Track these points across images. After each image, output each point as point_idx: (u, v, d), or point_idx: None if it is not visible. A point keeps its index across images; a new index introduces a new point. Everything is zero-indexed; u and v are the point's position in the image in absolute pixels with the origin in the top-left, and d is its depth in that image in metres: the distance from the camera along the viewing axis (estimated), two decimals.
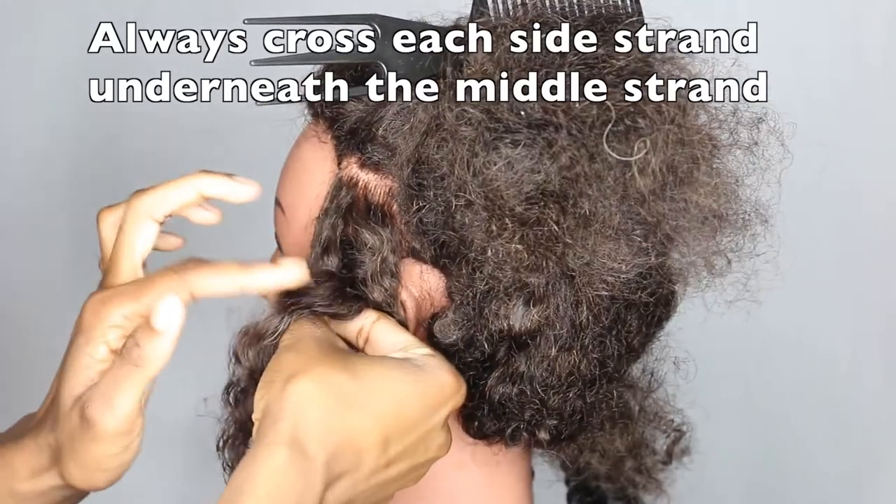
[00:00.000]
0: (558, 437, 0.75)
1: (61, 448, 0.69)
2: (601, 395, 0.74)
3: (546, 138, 0.65)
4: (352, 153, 0.73)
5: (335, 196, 0.73)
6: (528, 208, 0.66)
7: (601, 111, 0.65)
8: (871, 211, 1.50)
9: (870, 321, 1.52)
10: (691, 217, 0.68)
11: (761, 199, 0.72)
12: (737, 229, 0.71)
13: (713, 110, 0.70)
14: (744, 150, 0.71)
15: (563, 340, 0.71)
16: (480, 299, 0.71)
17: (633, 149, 0.65)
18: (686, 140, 0.67)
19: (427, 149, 0.69)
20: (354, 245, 0.72)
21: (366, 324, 0.72)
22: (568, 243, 0.66)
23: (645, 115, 0.65)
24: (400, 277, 0.72)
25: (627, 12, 0.72)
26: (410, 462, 0.68)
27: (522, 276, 0.68)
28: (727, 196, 0.69)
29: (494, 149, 0.66)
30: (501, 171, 0.65)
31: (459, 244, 0.69)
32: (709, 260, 0.72)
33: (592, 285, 0.69)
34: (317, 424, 0.64)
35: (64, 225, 1.43)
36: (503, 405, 0.73)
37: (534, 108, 0.66)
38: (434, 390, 0.68)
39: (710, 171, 0.68)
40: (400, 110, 0.71)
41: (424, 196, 0.70)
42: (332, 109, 0.74)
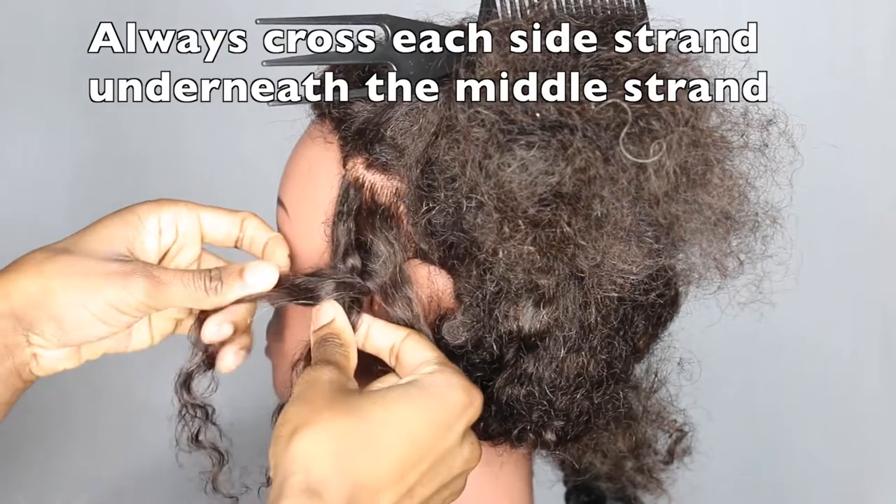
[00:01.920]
0: (564, 438, 0.75)
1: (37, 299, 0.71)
2: (608, 396, 0.74)
3: (561, 140, 0.65)
4: (358, 154, 0.73)
5: (345, 199, 0.73)
6: (540, 210, 0.65)
7: (616, 113, 0.65)
8: (871, 211, 1.50)
9: (870, 321, 1.52)
10: (704, 219, 0.68)
11: (771, 201, 0.72)
12: (748, 231, 0.71)
13: (725, 112, 0.70)
14: (754, 152, 0.71)
15: (572, 341, 0.71)
16: (490, 301, 0.70)
17: (649, 151, 0.64)
18: (699, 142, 0.66)
19: (437, 150, 0.68)
20: (369, 251, 0.72)
21: (396, 341, 0.71)
22: (580, 245, 0.66)
23: (659, 118, 0.65)
24: (407, 280, 0.72)
25: (638, 14, 0.72)
26: (436, 484, 0.67)
27: (534, 277, 0.68)
28: (739, 198, 0.69)
29: (508, 150, 0.65)
30: (516, 172, 0.65)
31: (469, 245, 0.69)
32: (721, 262, 0.71)
33: (602, 286, 0.69)
34: (328, 473, 0.63)
35: (64, 225, 1.42)
36: (511, 406, 0.73)
37: (548, 110, 0.65)
38: (442, 412, 0.67)
39: (722, 172, 0.68)
40: (409, 111, 0.71)
41: (434, 197, 0.69)
42: (339, 110, 0.74)
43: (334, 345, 0.71)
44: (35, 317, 0.71)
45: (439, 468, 0.67)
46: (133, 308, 0.71)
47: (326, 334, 0.71)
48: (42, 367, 0.74)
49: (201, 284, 0.72)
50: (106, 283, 0.71)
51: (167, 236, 0.76)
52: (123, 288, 0.71)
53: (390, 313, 0.72)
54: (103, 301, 0.71)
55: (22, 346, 0.72)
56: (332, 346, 0.70)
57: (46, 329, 0.72)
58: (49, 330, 0.72)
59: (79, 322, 0.71)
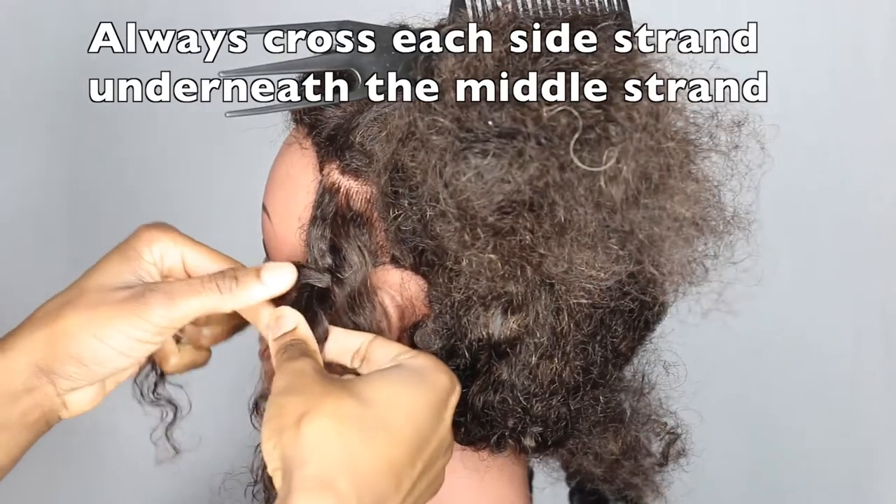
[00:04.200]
0: (545, 444, 0.75)
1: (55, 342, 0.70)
2: (586, 401, 0.74)
3: (515, 147, 0.63)
4: (332, 159, 0.73)
5: (320, 203, 0.72)
6: (500, 218, 0.64)
7: (570, 119, 0.63)
8: (871, 211, 1.50)
9: (870, 321, 1.52)
10: (668, 225, 0.66)
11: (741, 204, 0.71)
12: (716, 236, 0.70)
13: (690, 114, 0.68)
14: (722, 155, 0.69)
15: (544, 348, 0.70)
16: (458, 308, 0.70)
17: (603, 158, 0.63)
18: (659, 147, 0.65)
19: (402, 157, 0.68)
20: (342, 258, 0.71)
21: (363, 343, 0.70)
22: (543, 253, 0.65)
23: (616, 123, 0.63)
24: (381, 286, 0.72)
25: (605, 13, 0.71)
26: (433, 471, 0.67)
27: (497, 285, 0.67)
28: (704, 203, 0.68)
29: (464, 159, 0.64)
30: (471, 181, 0.64)
31: (436, 253, 0.69)
32: (686, 268, 0.70)
33: (572, 293, 0.68)
34: (343, 461, 0.62)
35: (64, 225, 1.43)
36: (486, 413, 0.72)
37: (503, 117, 0.64)
38: (435, 393, 0.66)
39: (685, 177, 0.66)
40: (376, 117, 0.71)
41: (400, 204, 0.69)
42: (310, 115, 0.74)
43: (302, 348, 0.69)
44: (56, 360, 0.71)
45: (437, 454, 0.67)
46: (151, 333, 0.70)
47: (291, 340, 0.70)
48: (71, 411, 0.74)
49: (213, 286, 0.70)
50: (119, 310, 0.70)
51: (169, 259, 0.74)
52: (136, 313, 0.69)
53: (355, 321, 0.72)
54: (117, 331, 0.70)
55: (51, 396, 0.72)
56: (301, 348, 0.69)
57: (69, 369, 0.71)
58: (72, 370, 0.71)
59: (98, 356, 0.70)
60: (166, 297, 0.69)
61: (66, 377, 0.71)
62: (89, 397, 0.74)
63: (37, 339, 0.71)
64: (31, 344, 0.71)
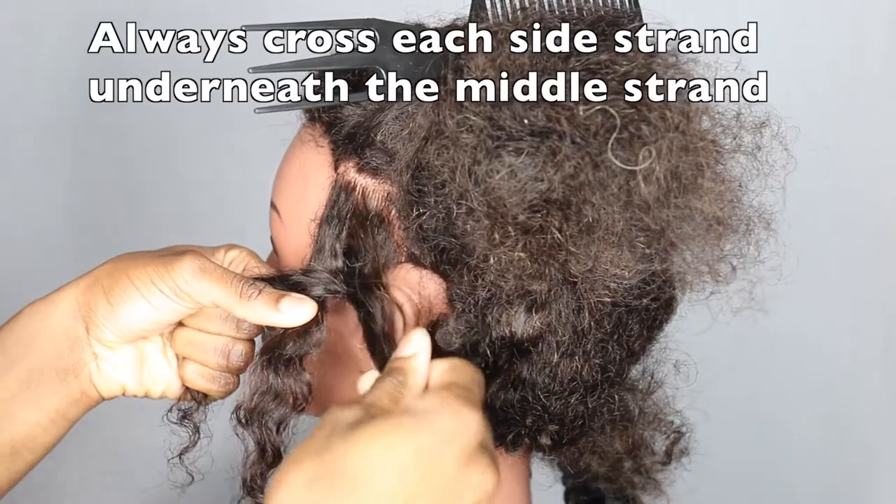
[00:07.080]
0: (560, 442, 0.75)
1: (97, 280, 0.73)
2: (603, 400, 0.74)
3: (550, 146, 0.64)
4: (349, 157, 0.73)
5: (335, 202, 0.72)
6: (530, 216, 0.65)
7: (605, 119, 0.64)
8: (871, 211, 1.50)
9: (870, 321, 1.52)
10: (696, 224, 0.67)
11: (765, 204, 0.71)
12: (741, 235, 0.70)
13: (716, 115, 0.69)
14: (747, 156, 0.70)
15: (566, 346, 0.71)
16: (482, 306, 0.70)
17: (638, 157, 0.63)
18: (690, 147, 0.66)
19: (427, 155, 0.68)
20: (357, 256, 0.71)
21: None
22: (571, 251, 0.66)
23: (649, 122, 0.64)
24: (397, 284, 0.72)
25: (628, 15, 0.71)
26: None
27: (525, 283, 0.67)
28: (731, 202, 0.69)
29: (497, 157, 0.64)
30: (504, 179, 0.64)
31: (461, 251, 0.69)
32: (713, 267, 0.71)
33: (595, 291, 0.68)
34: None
35: (64, 225, 1.43)
36: (505, 411, 0.72)
37: (537, 116, 0.64)
38: (427, 438, 0.60)
39: (714, 177, 0.67)
40: (399, 115, 0.71)
41: (424, 202, 0.69)
42: (329, 113, 0.74)
43: (394, 384, 0.64)
44: (91, 296, 0.73)
45: (441, 500, 0.60)
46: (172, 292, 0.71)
47: (399, 367, 0.65)
48: (104, 376, 0.75)
49: (238, 288, 0.71)
50: (156, 260, 0.72)
51: None
52: (167, 265, 0.71)
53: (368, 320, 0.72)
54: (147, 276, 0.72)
55: (82, 343, 0.74)
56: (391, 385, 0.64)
57: (99, 310, 0.73)
58: (101, 310, 0.73)
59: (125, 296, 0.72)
60: (198, 268, 0.71)
61: (96, 321, 0.73)
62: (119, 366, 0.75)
63: (84, 279, 0.75)
64: (76, 283, 0.75)
